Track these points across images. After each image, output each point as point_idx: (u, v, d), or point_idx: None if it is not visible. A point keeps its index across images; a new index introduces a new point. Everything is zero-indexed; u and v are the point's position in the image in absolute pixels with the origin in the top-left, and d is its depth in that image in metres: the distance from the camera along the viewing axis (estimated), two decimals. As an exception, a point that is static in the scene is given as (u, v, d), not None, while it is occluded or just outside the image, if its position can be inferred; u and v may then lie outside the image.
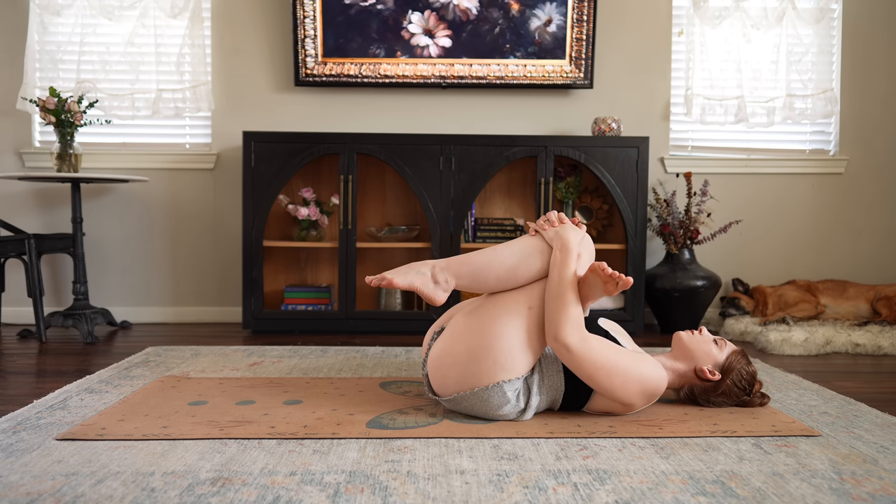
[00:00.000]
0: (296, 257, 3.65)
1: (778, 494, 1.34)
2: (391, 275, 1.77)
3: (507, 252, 1.82)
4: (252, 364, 2.53)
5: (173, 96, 3.56)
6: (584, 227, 1.90)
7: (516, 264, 1.80)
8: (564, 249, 1.79)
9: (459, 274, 1.81)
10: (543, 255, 1.82)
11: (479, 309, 1.79)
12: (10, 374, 2.43)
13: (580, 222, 1.89)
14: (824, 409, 1.97)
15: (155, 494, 1.31)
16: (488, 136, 3.29)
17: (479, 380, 1.73)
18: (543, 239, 1.84)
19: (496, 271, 1.80)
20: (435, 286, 1.80)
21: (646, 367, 1.77)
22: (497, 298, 1.80)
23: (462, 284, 1.82)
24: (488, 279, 1.81)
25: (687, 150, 3.78)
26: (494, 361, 1.72)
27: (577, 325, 1.72)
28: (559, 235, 1.82)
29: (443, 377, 1.79)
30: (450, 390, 1.79)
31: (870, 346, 2.95)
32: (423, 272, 1.80)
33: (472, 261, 1.82)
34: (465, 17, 3.54)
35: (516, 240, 1.87)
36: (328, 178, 3.62)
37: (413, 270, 1.79)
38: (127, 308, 3.66)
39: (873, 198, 3.82)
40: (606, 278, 1.72)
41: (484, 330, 1.74)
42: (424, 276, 1.79)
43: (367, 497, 1.31)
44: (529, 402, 1.78)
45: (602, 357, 1.72)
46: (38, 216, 3.62)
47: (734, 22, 3.65)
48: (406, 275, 1.78)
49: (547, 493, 1.34)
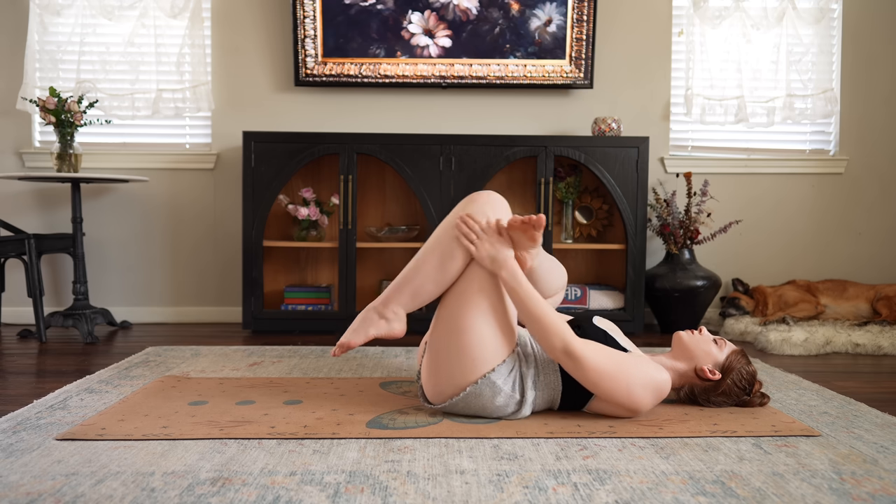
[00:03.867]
0: (296, 257, 3.65)
1: (778, 494, 1.34)
2: (347, 338, 1.83)
3: (427, 256, 1.81)
4: (252, 364, 2.53)
5: (173, 96, 3.56)
6: (488, 201, 1.83)
7: (441, 262, 1.79)
8: (499, 267, 1.75)
9: (400, 300, 1.82)
10: (456, 238, 1.79)
11: (440, 314, 1.80)
12: (10, 374, 2.43)
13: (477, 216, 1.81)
14: (824, 409, 1.97)
15: (155, 494, 1.32)
16: (488, 136, 3.29)
17: (465, 379, 1.75)
18: (453, 221, 1.81)
19: (428, 278, 1.80)
20: (388, 323, 1.83)
21: (649, 370, 1.77)
22: (447, 299, 1.80)
23: (410, 305, 1.83)
24: (427, 288, 1.81)
25: (687, 150, 3.78)
26: (472, 358, 1.73)
27: (567, 332, 1.71)
28: (486, 257, 1.76)
29: (434, 386, 1.81)
30: (444, 397, 1.80)
31: (870, 346, 2.95)
32: (371, 319, 1.83)
33: (404, 281, 1.82)
34: (465, 17, 3.54)
35: (429, 239, 1.84)
36: (328, 178, 3.62)
37: (364, 323, 1.83)
38: (127, 308, 3.66)
39: (873, 198, 3.82)
40: (523, 228, 1.73)
41: (451, 332, 1.75)
42: (375, 322, 1.83)
43: (367, 497, 1.31)
44: (525, 397, 1.78)
45: (605, 364, 1.71)
46: (38, 216, 3.62)
47: (734, 22, 3.65)
48: (358, 331, 1.83)
49: (547, 493, 1.34)
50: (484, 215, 1.80)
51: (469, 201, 1.84)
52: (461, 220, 1.79)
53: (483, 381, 1.74)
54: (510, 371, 1.77)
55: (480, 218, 1.79)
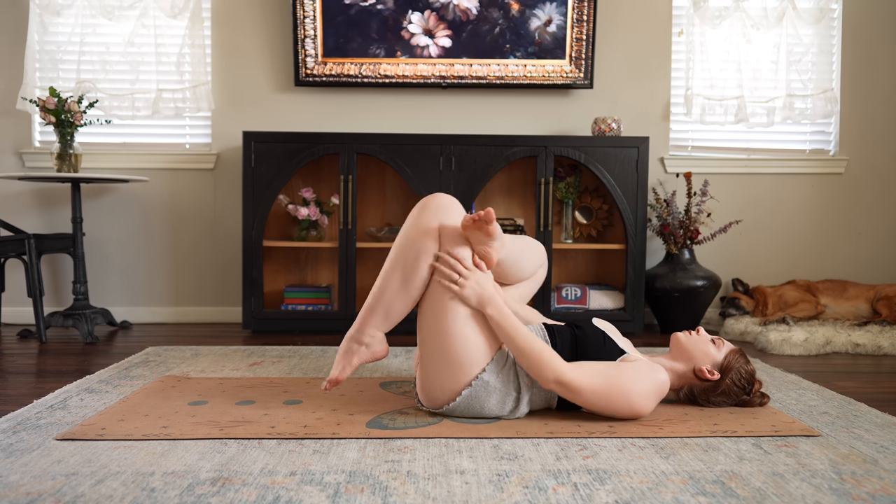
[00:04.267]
0: (296, 257, 3.65)
1: (778, 494, 1.34)
2: (334, 374, 1.83)
3: (390, 276, 1.78)
4: (252, 364, 2.53)
5: (173, 96, 3.56)
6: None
7: (405, 279, 1.77)
8: (485, 304, 1.74)
9: (374, 323, 1.81)
10: (416, 245, 1.76)
11: (420, 326, 1.80)
12: (10, 374, 2.43)
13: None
14: (824, 409, 1.97)
15: (155, 494, 1.31)
16: (488, 136, 3.29)
17: (458, 384, 1.75)
18: (417, 222, 1.78)
19: (396, 297, 1.78)
20: (369, 349, 1.83)
21: (646, 374, 1.76)
22: (424, 311, 1.79)
23: (385, 326, 1.82)
24: (397, 307, 1.79)
25: (687, 150, 3.78)
26: (460, 363, 1.73)
27: (557, 362, 1.70)
28: (472, 297, 1.74)
29: (429, 396, 1.82)
30: (440, 404, 1.81)
31: (870, 346, 2.95)
32: (351, 349, 1.83)
33: (373, 303, 1.80)
34: (465, 17, 3.54)
35: (390, 255, 1.81)
36: (328, 178, 3.62)
37: (346, 355, 1.83)
38: (127, 308, 3.66)
39: (873, 198, 3.82)
40: (476, 226, 1.72)
41: (434, 342, 1.75)
42: (356, 351, 1.82)
43: (367, 497, 1.31)
44: (521, 392, 1.78)
45: (599, 385, 1.71)
46: (38, 216, 3.62)
47: (734, 22, 3.65)
48: (344, 364, 1.83)
49: (547, 493, 1.34)
50: (438, 221, 1.77)
51: (421, 209, 1.80)
52: (440, 263, 1.75)
53: (476, 383, 1.74)
54: (501, 368, 1.77)
55: (433, 222, 1.76)
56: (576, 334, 1.86)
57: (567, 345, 1.83)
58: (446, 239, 1.77)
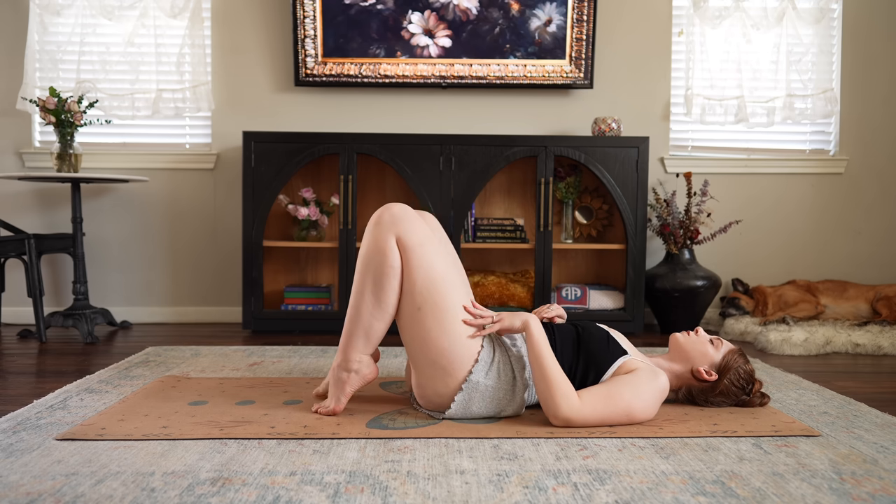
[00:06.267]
0: (296, 257, 3.66)
1: (778, 494, 1.34)
2: (331, 405, 1.83)
3: (362, 297, 1.78)
4: (252, 364, 2.53)
5: (173, 96, 3.56)
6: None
7: (376, 298, 1.76)
8: (529, 323, 1.77)
9: (357, 348, 1.81)
10: (377, 262, 1.76)
11: (403, 339, 1.81)
12: (10, 374, 2.43)
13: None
14: (824, 409, 1.97)
15: (155, 494, 1.31)
16: (488, 136, 3.29)
17: (449, 388, 1.76)
18: (374, 240, 1.77)
19: (373, 318, 1.78)
20: (358, 374, 1.82)
21: (646, 384, 1.75)
22: (401, 324, 1.79)
23: (369, 348, 1.82)
24: (376, 327, 1.79)
25: (687, 150, 3.78)
26: (443, 367, 1.74)
27: (568, 394, 1.70)
28: (518, 325, 1.78)
29: (427, 398, 1.82)
30: (439, 406, 1.81)
31: (870, 346, 2.95)
32: (342, 379, 1.83)
33: (352, 328, 1.80)
34: (465, 17, 3.54)
35: (355, 277, 1.81)
36: (328, 178, 3.62)
37: (338, 386, 1.83)
38: (127, 308, 3.66)
39: (873, 198, 3.82)
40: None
41: (417, 352, 1.77)
42: (346, 380, 1.82)
43: (367, 497, 1.31)
44: (516, 381, 1.78)
45: (602, 411, 1.71)
46: (38, 216, 3.62)
47: (734, 22, 3.65)
48: (339, 395, 1.83)
49: (547, 493, 1.34)
50: (394, 233, 1.75)
51: (375, 224, 1.78)
52: (473, 314, 1.77)
53: (466, 386, 1.75)
54: (490, 364, 1.77)
55: (389, 236, 1.74)
56: (579, 332, 1.86)
57: (569, 343, 1.83)
58: (407, 256, 1.75)
